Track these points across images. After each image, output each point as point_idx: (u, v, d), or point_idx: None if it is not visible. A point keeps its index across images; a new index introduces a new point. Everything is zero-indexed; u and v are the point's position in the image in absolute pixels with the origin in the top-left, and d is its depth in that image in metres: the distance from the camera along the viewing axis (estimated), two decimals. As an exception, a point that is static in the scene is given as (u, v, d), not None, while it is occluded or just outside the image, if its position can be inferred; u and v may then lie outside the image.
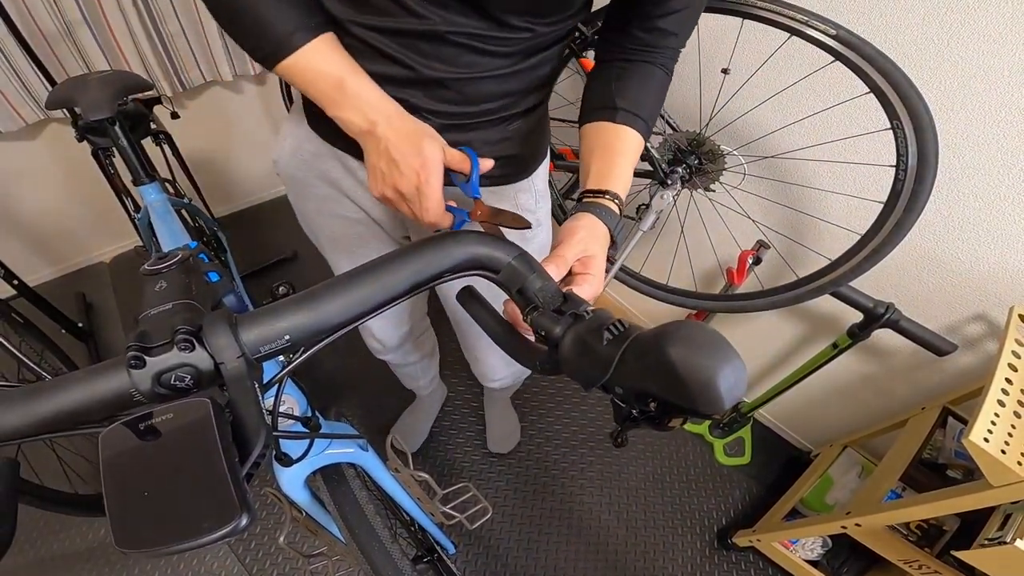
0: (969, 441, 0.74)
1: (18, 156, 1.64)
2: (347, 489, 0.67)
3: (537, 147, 0.76)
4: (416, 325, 1.14)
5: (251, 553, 1.32)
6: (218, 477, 0.25)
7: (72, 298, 1.82)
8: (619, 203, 0.56)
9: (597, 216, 0.53)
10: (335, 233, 0.83)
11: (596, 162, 0.58)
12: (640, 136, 0.61)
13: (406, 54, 0.57)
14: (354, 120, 0.54)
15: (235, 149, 2.08)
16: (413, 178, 0.53)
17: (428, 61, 0.57)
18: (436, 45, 0.56)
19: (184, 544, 0.24)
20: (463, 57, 0.57)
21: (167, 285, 0.34)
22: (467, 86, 0.60)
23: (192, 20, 1.62)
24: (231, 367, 0.30)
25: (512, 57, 0.59)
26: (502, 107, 0.64)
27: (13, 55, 1.41)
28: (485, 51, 0.57)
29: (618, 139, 0.60)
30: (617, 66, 0.62)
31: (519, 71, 0.61)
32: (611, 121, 0.60)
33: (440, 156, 0.54)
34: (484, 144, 0.66)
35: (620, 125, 0.60)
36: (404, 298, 0.35)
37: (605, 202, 0.55)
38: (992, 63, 0.81)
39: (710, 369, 0.25)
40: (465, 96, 0.61)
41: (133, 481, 0.26)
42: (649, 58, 0.62)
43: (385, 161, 0.54)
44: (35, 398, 0.30)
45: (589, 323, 0.33)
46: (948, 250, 0.99)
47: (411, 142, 0.53)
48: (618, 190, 0.56)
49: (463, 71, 0.58)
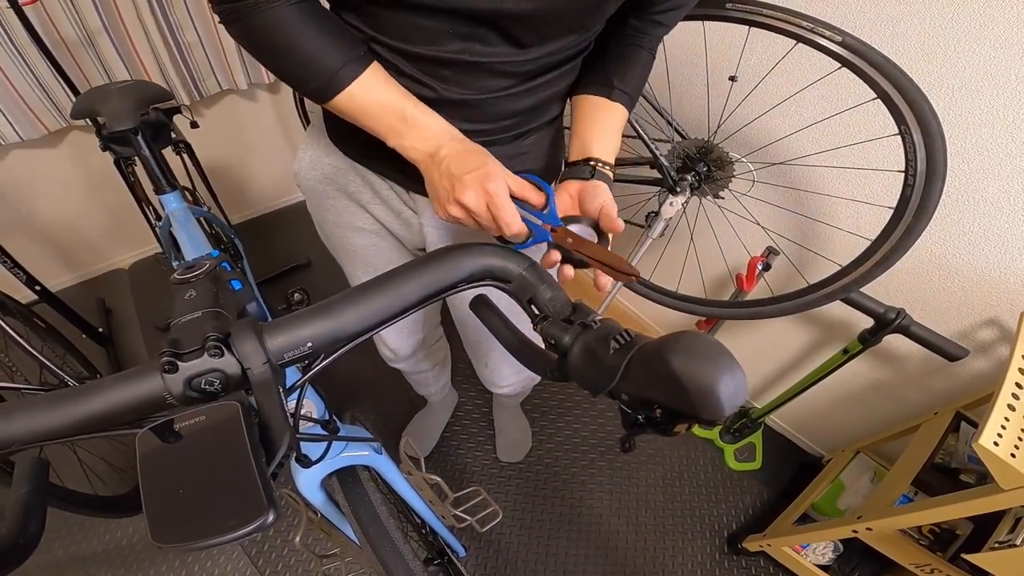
0: (979, 445, 0.74)
1: (40, 163, 1.68)
2: (361, 491, 0.68)
3: (554, 161, 0.77)
4: (429, 335, 1.15)
5: (264, 555, 1.33)
6: (246, 476, 0.27)
7: (92, 304, 1.87)
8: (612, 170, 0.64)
9: (608, 186, 0.60)
10: (353, 245, 0.85)
11: (599, 134, 0.65)
12: (628, 112, 0.68)
13: (427, 78, 0.58)
14: (418, 148, 0.55)
15: (249, 157, 2.11)
16: (477, 187, 0.51)
17: (448, 85, 0.59)
18: (457, 71, 0.57)
19: (216, 539, 0.25)
20: (484, 81, 0.59)
21: (196, 294, 0.36)
22: (487, 106, 0.61)
23: (208, 29, 1.66)
24: (257, 372, 0.31)
25: (533, 77, 0.61)
26: (520, 123, 0.66)
27: (35, 63, 1.45)
28: (505, 73, 0.59)
29: (615, 115, 0.66)
30: (612, 48, 0.67)
31: (538, 87, 0.62)
32: (607, 98, 0.66)
33: (502, 171, 0.53)
34: (502, 158, 0.67)
35: (615, 103, 0.66)
36: (419, 307, 0.37)
37: (610, 173, 0.62)
38: (1001, 68, 0.81)
39: (710, 377, 0.26)
40: (485, 115, 0.63)
41: (168, 479, 0.27)
42: (638, 42, 0.67)
43: (447, 179, 0.53)
44: (74, 401, 0.32)
45: (597, 333, 0.34)
46: (959, 255, 0.98)
47: (474, 155, 0.53)
48: (612, 160, 0.64)
49: (484, 94, 0.60)
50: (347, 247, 0.86)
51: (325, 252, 0.93)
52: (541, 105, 0.66)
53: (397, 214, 0.80)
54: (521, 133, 0.68)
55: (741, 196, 1.12)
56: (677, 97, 1.15)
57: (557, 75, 0.63)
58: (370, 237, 0.83)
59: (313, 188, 0.79)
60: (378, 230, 0.82)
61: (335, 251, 0.90)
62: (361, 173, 0.73)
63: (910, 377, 1.20)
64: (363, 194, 0.76)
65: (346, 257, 0.89)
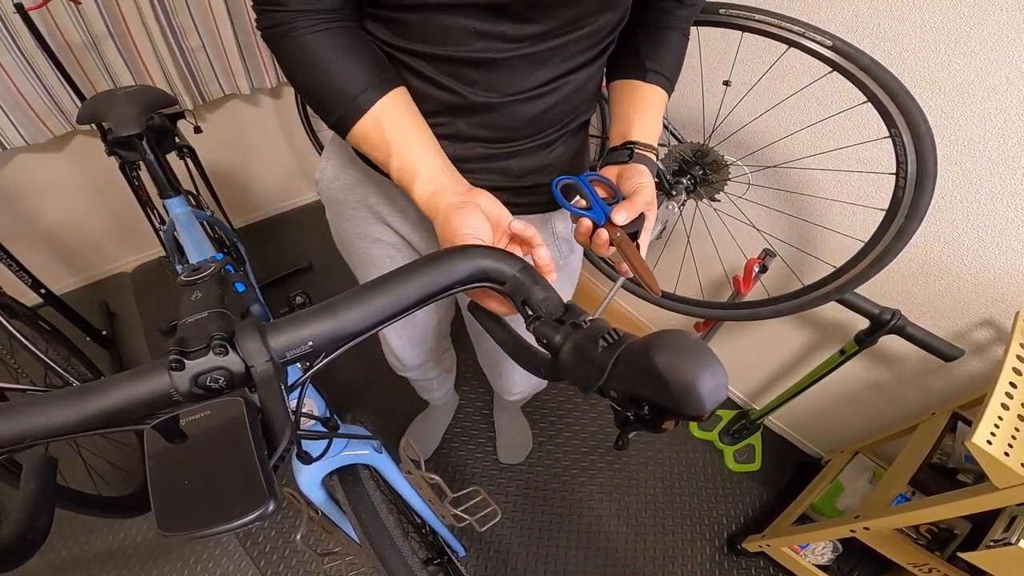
0: (972, 444, 0.75)
1: (45, 168, 1.69)
2: (362, 490, 0.70)
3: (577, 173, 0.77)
4: (438, 345, 1.15)
5: (266, 556, 1.34)
6: (249, 468, 0.28)
7: (96, 307, 1.88)
8: (656, 152, 0.64)
9: (648, 167, 0.60)
10: (371, 256, 0.84)
11: (636, 118, 0.64)
12: (667, 94, 0.67)
13: (454, 81, 0.57)
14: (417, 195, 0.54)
15: (251, 161, 2.13)
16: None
17: (475, 89, 0.58)
18: (483, 71, 0.57)
19: (219, 527, 0.26)
20: (511, 82, 0.58)
21: (202, 295, 0.37)
22: (514, 110, 0.60)
23: (211, 35, 1.68)
24: (261, 370, 0.33)
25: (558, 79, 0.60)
26: (546, 130, 0.65)
27: (41, 68, 1.46)
28: (532, 64, 0.57)
29: (651, 97, 0.66)
30: (640, 31, 0.66)
31: (564, 83, 0.61)
32: (643, 80, 0.65)
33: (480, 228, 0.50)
34: (525, 172, 0.67)
35: (651, 85, 0.65)
36: (417, 308, 0.38)
37: (650, 154, 0.62)
38: (991, 69, 0.82)
39: (692, 374, 0.28)
40: (511, 121, 0.61)
41: (174, 472, 0.29)
42: (668, 23, 0.67)
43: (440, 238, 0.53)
44: (84, 398, 0.33)
45: (586, 332, 0.35)
46: (953, 256, 0.99)
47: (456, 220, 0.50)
48: (654, 142, 0.64)
49: (511, 96, 0.59)
50: (365, 258, 0.86)
51: (327, 256, 0.94)
52: (567, 105, 0.64)
53: (417, 226, 0.79)
54: (546, 143, 0.66)
55: (737, 199, 1.13)
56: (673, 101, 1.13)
57: (586, 76, 0.62)
58: (388, 249, 0.83)
59: (335, 198, 0.79)
60: (396, 242, 0.82)
61: (352, 261, 0.90)
62: (380, 184, 0.73)
63: (907, 378, 1.21)
64: (382, 206, 0.76)
65: (363, 268, 0.88)
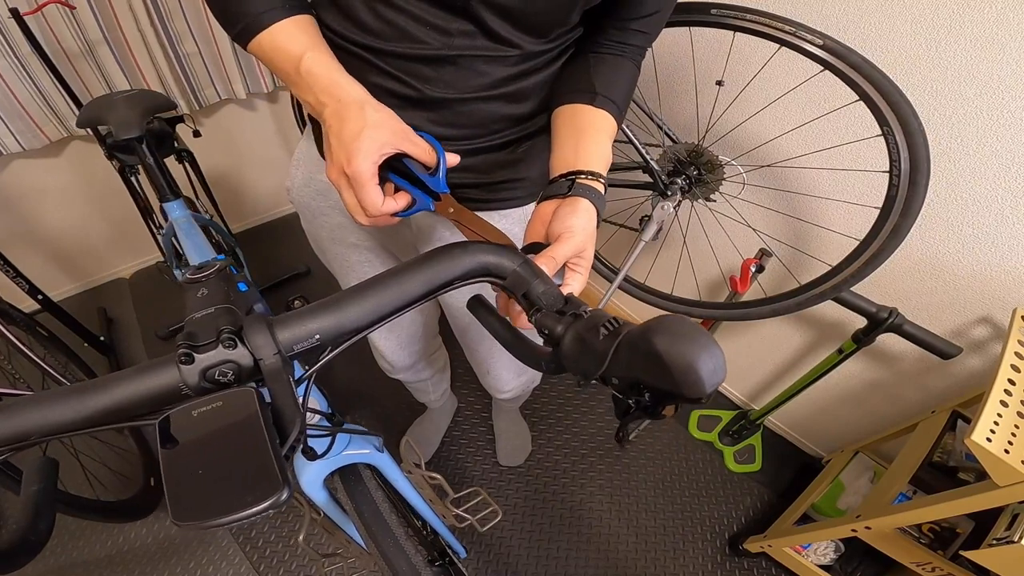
0: (972, 441, 0.75)
1: (42, 173, 1.69)
2: (364, 489, 0.70)
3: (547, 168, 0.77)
4: (428, 345, 1.15)
5: (266, 561, 1.34)
6: (262, 457, 0.28)
7: (94, 312, 1.88)
8: (603, 182, 0.57)
9: (591, 201, 0.53)
10: (348, 259, 0.85)
11: (581, 142, 0.58)
12: (615, 121, 0.62)
13: (409, 77, 0.58)
14: (308, 101, 0.54)
15: (248, 166, 2.13)
16: (338, 168, 0.50)
17: (430, 85, 0.58)
18: (439, 69, 0.57)
19: (234, 515, 0.27)
20: (468, 80, 0.58)
21: (208, 292, 0.38)
22: (472, 107, 0.60)
23: (207, 40, 1.69)
24: (269, 363, 0.33)
25: (519, 76, 0.60)
26: (508, 130, 0.65)
27: (37, 73, 1.47)
28: (490, 64, 0.57)
29: (598, 121, 0.60)
30: (591, 56, 0.63)
31: (524, 90, 0.62)
32: (590, 104, 0.60)
33: (381, 139, 0.49)
34: (494, 166, 0.67)
35: (599, 109, 0.60)
36: (419, 303, 0.39)
37: (596, 184, 0.54)
38: (983, 67, 0.82)
39: (691, 356, 0.28)
40: (471, 119, 0.62)
41: (186, 462, 0.29)
42: (620, 52, 0.63)
43: (329, 144, 0.52)
44: (91, 393, 0.33)
45: (587, 321, 0.36)
46: (950, 254, 1.00)
47: (354, 120, 0.50)
48: (602, 170, 0.57)
49: (468, 93, 0.59)
50: (343, 262, 0.86)
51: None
52: (531, 112, 0.64)
53: (392, 231, 0.79)
54: (512, 140, 0.66)
55: (732, 199, 1.14)
56: (667, 102, 1.16)
57: (545, 75, 0.62)
58: (364, 253, 0.83)
59: (307, 205, 0.79)
60: (372, 246, 0.82)
61: (330, 266, 0.90)
62: None
63: (906, 376, 1.21)
64: None
65: (341, 272, 0.89)
